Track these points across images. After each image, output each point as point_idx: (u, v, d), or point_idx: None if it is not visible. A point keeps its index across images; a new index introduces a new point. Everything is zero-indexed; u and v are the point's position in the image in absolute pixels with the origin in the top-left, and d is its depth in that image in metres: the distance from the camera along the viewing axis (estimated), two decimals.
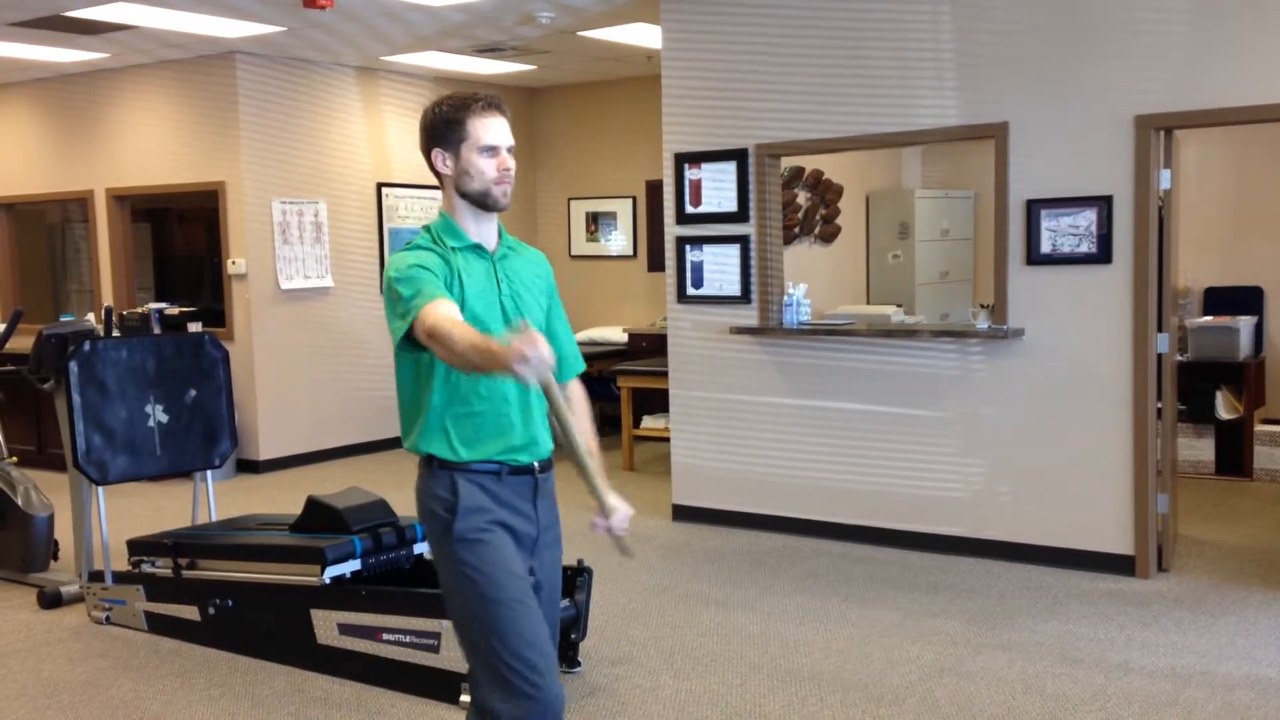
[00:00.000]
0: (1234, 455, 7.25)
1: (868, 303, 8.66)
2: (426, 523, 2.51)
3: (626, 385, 7.86)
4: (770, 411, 6.14)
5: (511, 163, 2.51)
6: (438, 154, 2.50)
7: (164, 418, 5.18)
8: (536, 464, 2.53)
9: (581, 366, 2.71)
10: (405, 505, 7.16)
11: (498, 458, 2.47)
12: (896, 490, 5.83)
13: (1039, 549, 5.43)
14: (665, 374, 6.71)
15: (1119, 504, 5.24)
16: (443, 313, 2.30)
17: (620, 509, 2.46)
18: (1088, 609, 4.78)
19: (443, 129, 2.49)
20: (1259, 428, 7.18)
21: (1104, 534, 5.28)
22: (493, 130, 2.48)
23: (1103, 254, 5.19)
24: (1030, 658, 4.23)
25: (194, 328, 7.37)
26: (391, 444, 9.25)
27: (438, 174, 2.54)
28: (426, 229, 2.55)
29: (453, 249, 2.50)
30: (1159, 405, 5.26)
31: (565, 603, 4.22)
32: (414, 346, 2.40)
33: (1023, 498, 5.48)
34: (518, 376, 2.10)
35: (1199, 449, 7.30)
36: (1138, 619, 4.64)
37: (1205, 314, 7.62)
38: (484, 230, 2.54)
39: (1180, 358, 6.78)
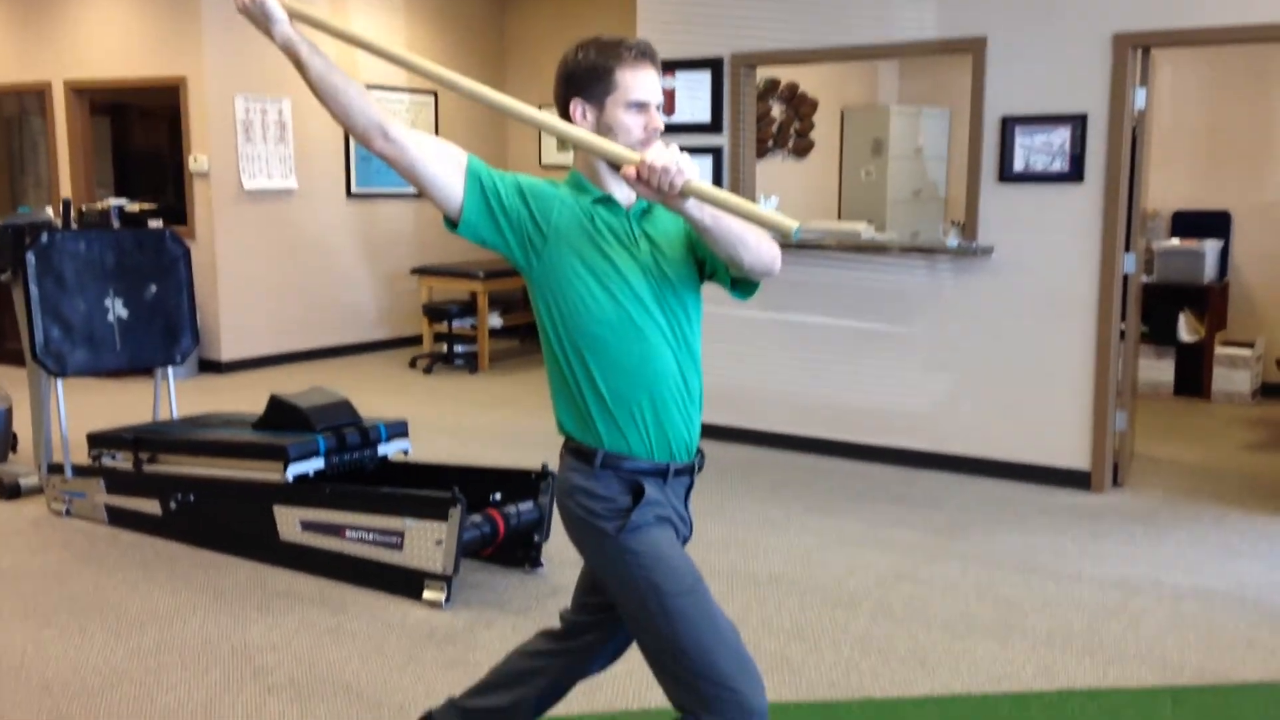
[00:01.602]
0: (1193, 377, 7.35)
1: (839, 219, 8.64)
2: (579, 524, 2.21)
3: None
4: (737, 325, 6.14)
5: (660, 122, 2.18)
6: (577, 105, 2.17)
7: (124, 312, 5.11)
8: (696, 461, 2.29)
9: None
10: (368, 408, 7.14)
11: (664, 458, 2.20)
12: (861, 404, 5.87)
13: (999, 464, 5.51)
14: None
15: (1078, 421, 5.30)
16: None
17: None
18: (1043, 521, 4.86)
19: (587, 78, 2.16)
20: (1219, 350, 7.27)
21: (1062, 450, 5.36)
22: (644, 84, 2.15)
23: (1075, 173, 5.18)
24: (985, 566, 4.31)
25: (155, 225, 7.24)
26: (356, 349, 9.21)
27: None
28: (552, 184, 2.22)
29: (588, 202, 2.18)
30: (1122, 327, 5.30)
31: (528, 504, 4.25)
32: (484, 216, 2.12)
33: (985, 413, 5.54)
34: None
35: (1159, 370, 7.40)
36: (1091, 531, 4.72)
37: (1172, 237, 7.67)
38: (621, 187, 2.20)
39: (1145, 279, 6.83)
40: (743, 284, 2.27)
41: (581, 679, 2.55)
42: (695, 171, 1.96)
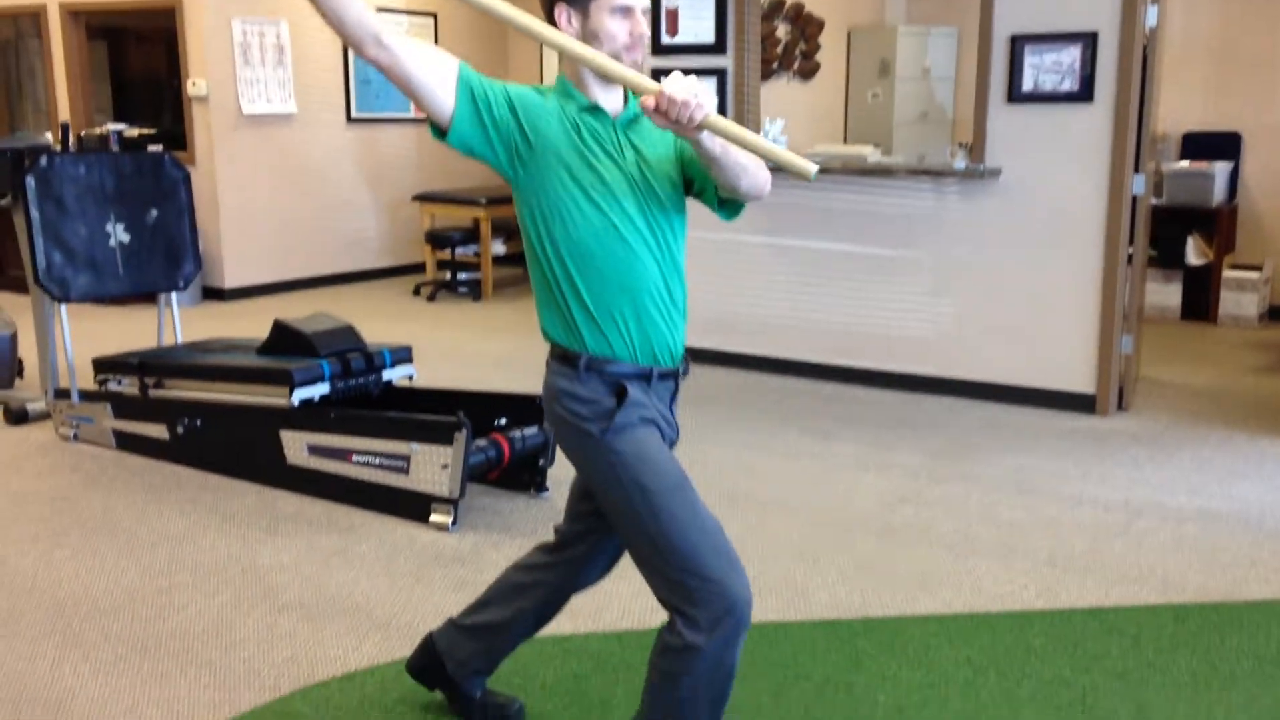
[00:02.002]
0: (1200, 301, 7.33)
1: (845, 142, 8.54)
2: (566, 428, 2.24)
3: None
4: (742, 250, 6.11)
5: (646, 28, 2.18)
6: (562, 10, 2.16)
7: (125, 237, 5.08)
8: (680, 365, 2.31)
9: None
10: (373, 336, 7.14)
11: (647, 361, 2.23)
12: (865, 329, 5.85)
13: (1003, 388, 5.51)
14: None
15: (1084, 344, 5.29)
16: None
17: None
18: (1047, 444, 4.87)
19: None
20: (1227, 273, 7.23)
21: (1068, 374, 5.36)
22: None
23: (1084, 93, 5.11)
24: (988, 489, 4.33)
25: (154, 150, 7.18)
26: (359, 277, 9.18)
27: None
28: (540, 91, 2.23)
29: (574, 110, 2.19)
30: (1130, 250, 5.27)
31: (533, 429, 4.26)
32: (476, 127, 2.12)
33: (990, 337, 5.52)
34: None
35: (1166, 294, 7.37)
36: (1095, 454, 4.74)
37: (1182, 159, 7.58)
38: (609, 96, 2.22)
39: (1154, 202, 6.77)
40: (730, 205, 2.30)
41: (577, 591, 2.58)
42: (713, 104, 1.96)
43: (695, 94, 1.94)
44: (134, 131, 7.68)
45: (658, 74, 6.19)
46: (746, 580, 2.16)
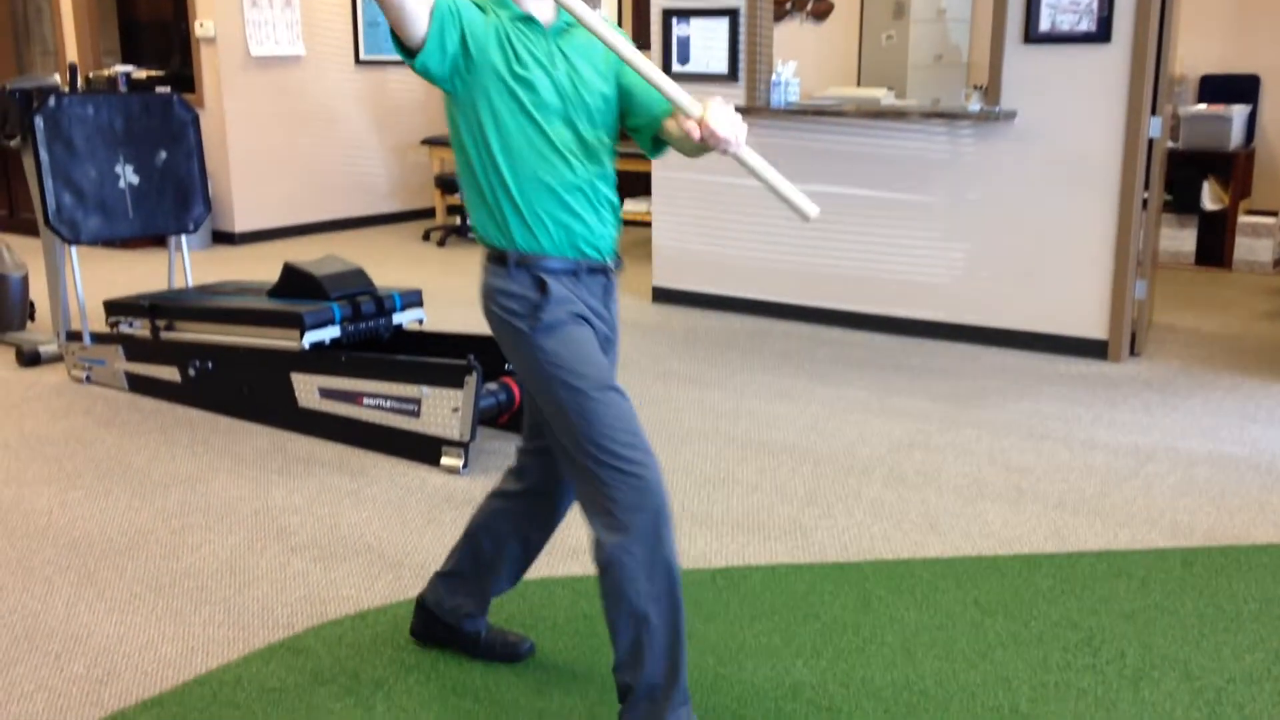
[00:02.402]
0: (1215, 246, 7.27)
1: (858, 85, 8.45)
2: (500, 325, 2.32)
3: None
4: (754, 195, 6.07)
5: None
6: None
7: (135, 179, 5.07)
8: (610, 260, 2.39)
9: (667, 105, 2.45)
10: (382, 280, 7.13)
11: (575, 253, 2.31)
12: (877, 275, 5.83)
13: (1015, 333, 5.49)
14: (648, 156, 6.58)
15: (1097, 290, 5.26)
16: None
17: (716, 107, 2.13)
18: (1058, 390, 4.86)
19: None
20: (1242, 219, 7.17)
21: (1080, 319, 5.33)
22: None
23: (1102, 33, 5.03)
24: (998, 434, 4.33)
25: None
26: (368, 221, 9.16)
27: None
28: (479, 4, 2.29)
29: (506, 19, 2.25)
30: (1145, 195, 5.22)
31: None
32: (458, 106, 2.23)
33: (1002, 283, 5.50)
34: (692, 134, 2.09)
35: (1180, 239, 7.31)
36: (1106, 399, 4.73)
37: (1199, 102, 7.49)
38: (541, 6, 2.28)
39: (1170, 146, 6.70)
40: (661, 148, 2.43)
41: (557, 511, 2.59)
42: (744, 133, 2.11)
43: (737, 133, 2.08)
44: (142, 73, 7.65)
45: (669, 14, 6.12)
46: (659, 472, 2.26)
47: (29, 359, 5.27)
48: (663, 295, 6.50)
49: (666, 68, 6.20)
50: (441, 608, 2.72)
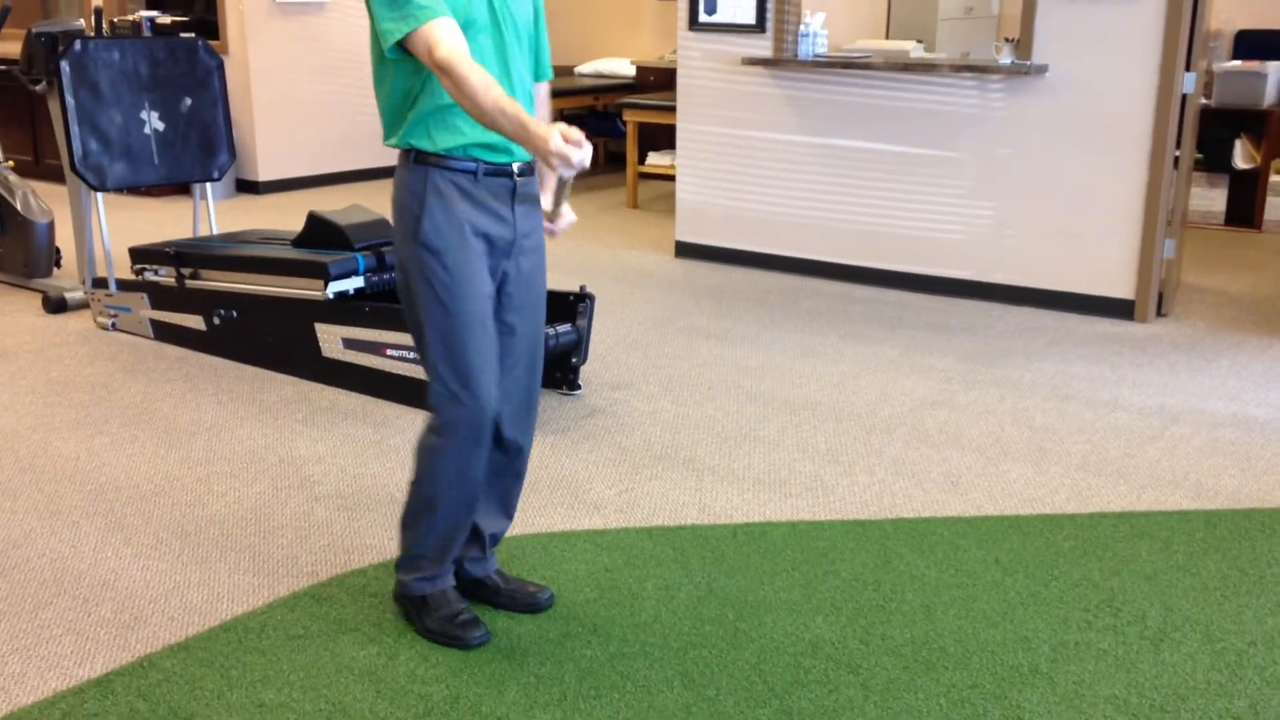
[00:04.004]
0: (1245, 206, 7.18)
1: (887, 38, 8.34)
2: (398, 220, 2.47)
3: (632, 120, 7.68)
4: (779, 148, 6.02)
5: None
6: None
7: (160, 125, 5.06)
8: (515, 165, 2.47)
9: (551, 74, 2.66)
10: None
11: (475, 155, 2.41)
12: (902, 232, 5.78)
13: (1041, 292, 5.45)
14: (673, 109, 6.53)
15: (1125, 249, 5.21)
16: (457, 44, 2.26)
17: (568, 215, 2.59)
18: (1083, 350, 4.83)
19: None
20: (1274, 178, 7.07)
21: (1108, 278, 5.28)
22: None
23: None
24: (1022, 393, 4.31)
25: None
26: (390, 172, 9.13)
27: None
28: None
29: None
30: (1177, 153, 5.15)
31: (566, 327, 4.26)
32: (404, 53, 2.35)
33: (1030, 241, 5.45)
34: (545, 162, 2.19)
35: (1211, 199, 7.22)
36: (1132, 360, 4.70)
37: (1234, 59, 7.36)
38: None
39: (1203, 102, 6.59)
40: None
41: (504, 433, 2.62)
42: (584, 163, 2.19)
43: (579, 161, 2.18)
44: (166, 19, 7.62)
45: None
46: (490, 398, 2.45)
47: (55, 306, 5.30)
48: (686, 250, 6.47)
49: (693, 18, 6.14)
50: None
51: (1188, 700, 2.43)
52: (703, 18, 6.12)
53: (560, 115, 9.37)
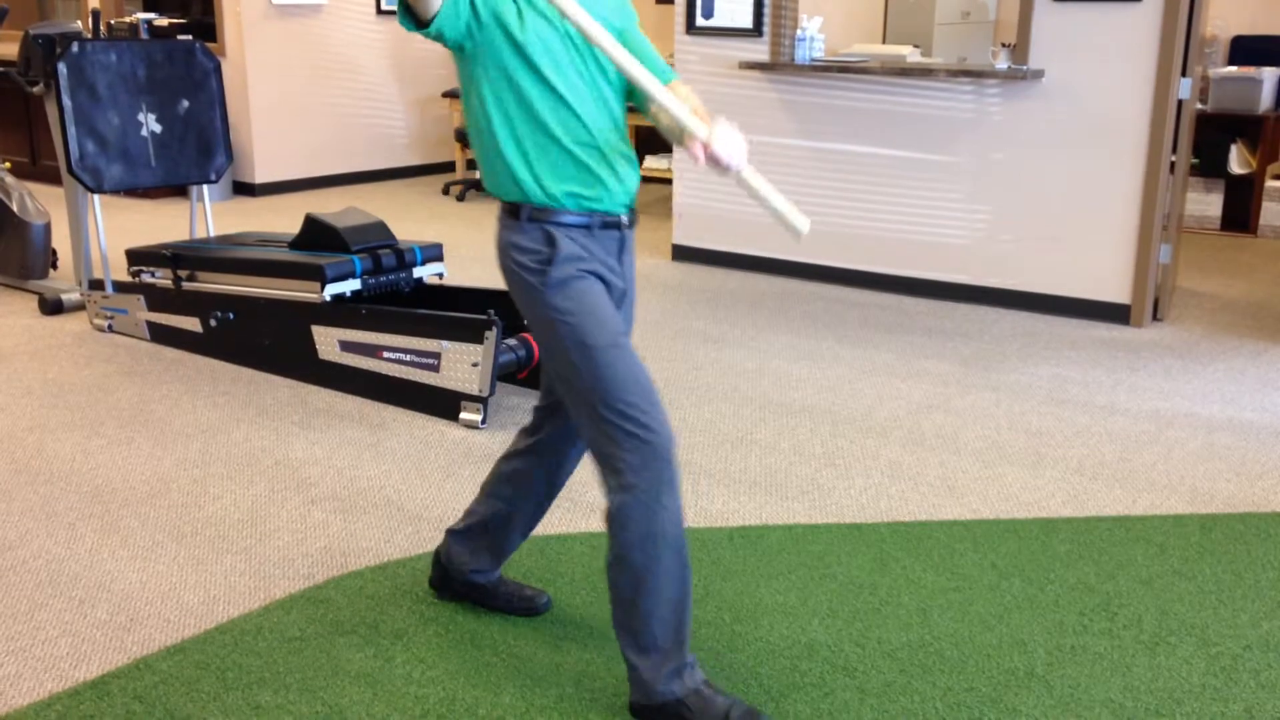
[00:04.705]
0: (1241, 211, 7.19)
1: (883, 42, 8.35)
2: (513, 279, 2.31)
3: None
4: (776, 152, 6.03)
5: None
6: None
7: (157, 128, 5.06)
8: (624, 216, 2.35)
9: (675, 75, 2.46)
10: (402, 234, 7.14)
11: (588, 207, 2.28)
12: (898, 236, 5.79)
13: (1037, 296, 5.46)
14: None
15: (1121, 253, 5.22)
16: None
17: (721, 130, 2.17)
18: (1080, 354, 4.84)
19: None
20: (1270, 183, 7.09)
21: (1103, 283, 5.29)
22: None
23: None
24: (1018, 397, 4.32)
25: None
26: (388, 174, 9.13)
27: None
28: None
29: None
30: (1173, 158, 5.16)
31: None
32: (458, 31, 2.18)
33: (1026, 245, 5.45)
34: (694, 154, 2.11)
35: (1206, 204, 7.24)
36: (1128, 364, 4.70)
37: (1230, 64, 7.38)
38: None
39: (1199, 108, 6.61)
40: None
41: (564, 471, 2.61)
42: (746, 157, 2.14)
43: (740, 158, 2.12)
44: (163, 21, 7.63)
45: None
46: (671, 432, 2.25)
47: (51, 307, 5.29)
48: (683, 253, 6.48)
49: (690, 22, 6.15)
50: (454, 564, 2.74)
51: (1183, 704, 2.44)
52: (700, 21, 6.13)
53: None
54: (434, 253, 4.68)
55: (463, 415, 4.02)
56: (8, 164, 6.08)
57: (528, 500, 2.63)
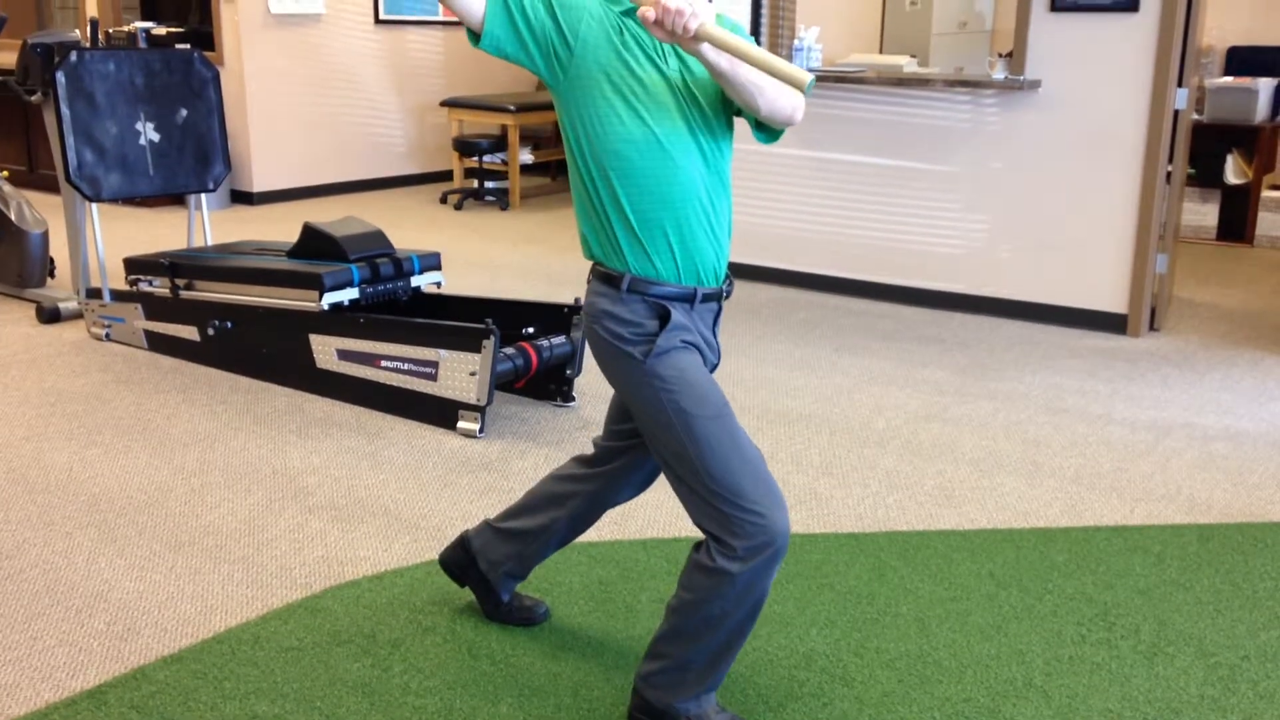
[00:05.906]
0: (1237, 221, 7.21)
1: (880, 52, 8.37)
2: (605, 348, 2.20)
3: None
4: (772, 162, 6.04)
5: None
6: None
7: (155, 136, 5.07)
8: (723, 288, 2.24)
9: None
10: (400, 242, 7.14)
11: (692, 281, 2.16)
12: (896, 245, 5.80)
13: (1034, 306, 5.47)
14: None
15: (1118, 263, 5.23)
16: None
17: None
18: (1076, 364, 4.85)
19: None
20: (1266, 194, 7.11)
21: (1100, 293, 5.30)
22: None
23: (1130, 2, 4.97)
24: (1015, 407, 4.32)
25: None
26: (386, 183, 9.15)
27: None
28: None
29: (616, 13, 2.09)
30: (1169, 168, 5.17)
31: (560, 339, 4.27)
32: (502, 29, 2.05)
33: (1023, 255, 5.47)
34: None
35: (1202, 214, 7.26)
36: (1124, 374, 4.71)
37: (1226, 74, 7.41)
38: None
39: (1195, 118, 6.63)
40: (765, 128, 2.19)
41: (611, 506, 2.59)
42: (710, 15, 1.91)
43: (690, 2, 1.89)
44: (162, 30, 7.64)
45: None
46: (786, 511, 2.12)
47: (49, 316, 5.29)
48: None
49: None
50: (485, 557, 2.70)
51: (1181, 714, 2.44)
52: None
53: (554, 126, 9.41)
54: (432, 261, 4.68)
55: (460, 424, 4.02)
56: (6, 172, 6.08)
57: (569, 527, 2.62)
